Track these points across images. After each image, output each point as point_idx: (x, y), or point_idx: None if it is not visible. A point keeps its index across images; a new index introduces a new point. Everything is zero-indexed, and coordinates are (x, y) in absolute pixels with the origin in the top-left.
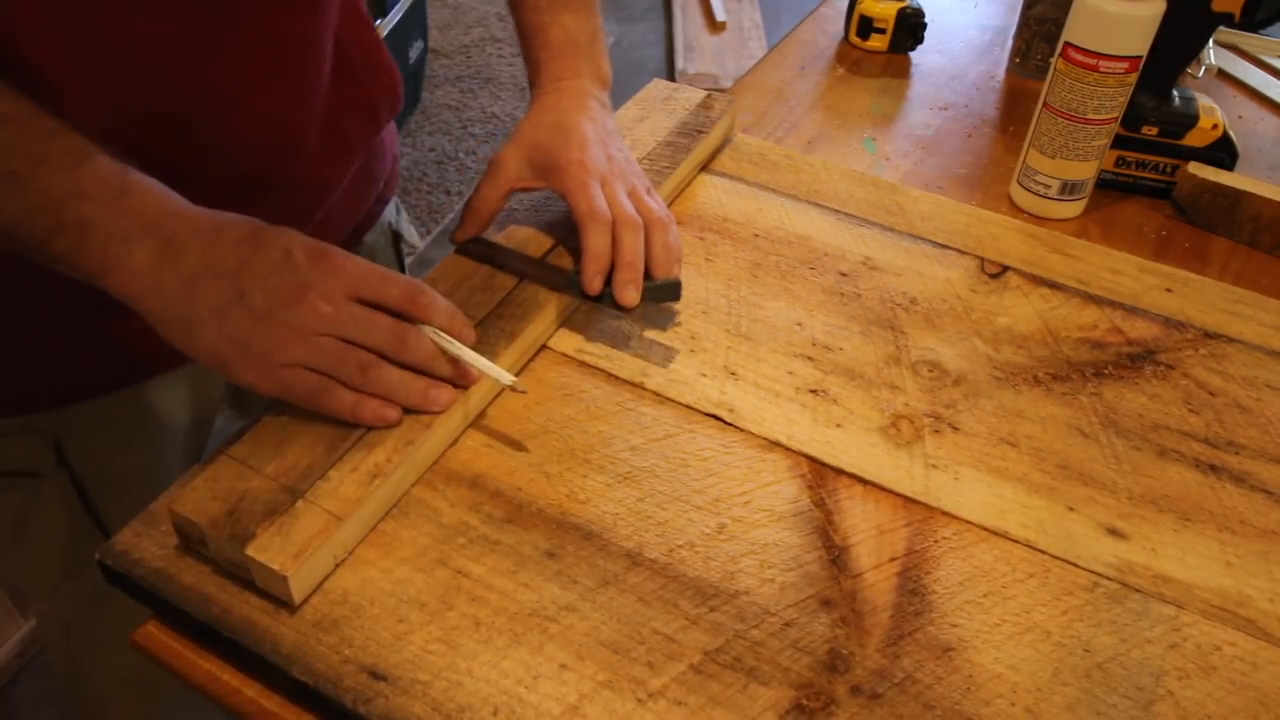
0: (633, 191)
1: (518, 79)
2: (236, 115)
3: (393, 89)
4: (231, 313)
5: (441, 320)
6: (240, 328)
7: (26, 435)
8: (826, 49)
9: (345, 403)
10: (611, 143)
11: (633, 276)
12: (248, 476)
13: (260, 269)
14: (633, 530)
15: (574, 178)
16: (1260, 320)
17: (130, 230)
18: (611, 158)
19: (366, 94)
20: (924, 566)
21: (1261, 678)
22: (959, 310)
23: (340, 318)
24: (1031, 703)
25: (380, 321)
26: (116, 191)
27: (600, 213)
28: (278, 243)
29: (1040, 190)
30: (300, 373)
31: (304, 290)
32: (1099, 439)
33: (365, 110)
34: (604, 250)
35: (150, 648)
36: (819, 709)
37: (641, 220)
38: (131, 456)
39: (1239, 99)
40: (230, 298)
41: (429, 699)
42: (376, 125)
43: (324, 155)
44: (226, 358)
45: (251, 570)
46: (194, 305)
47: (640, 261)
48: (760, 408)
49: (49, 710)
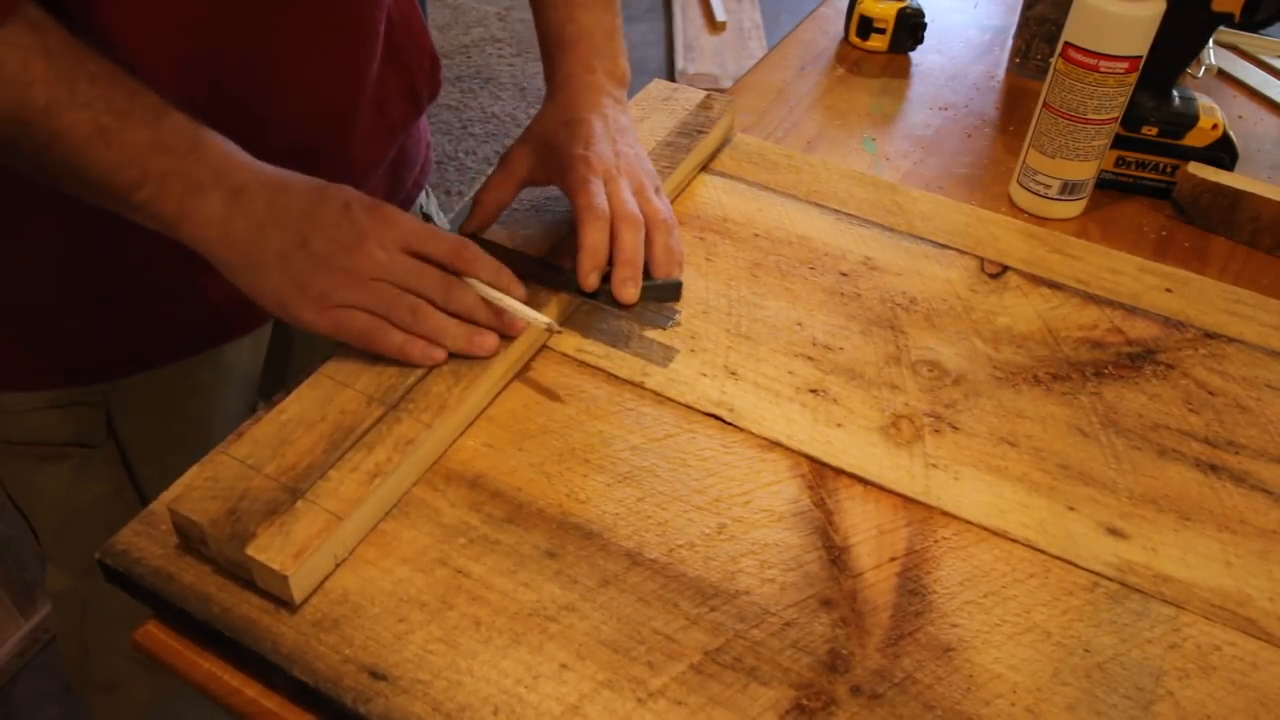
0: (639, 190)
1: (518, 79)
2: (294, 89)
3: (434, 73)
4: (294, 258)
5: (487, 274)
6: (302, 271)
7: (79, 407)
8: (826, 49)
9: (395, 341)
10: (621, 139)
11: (631, 274)
12: (248, 476)
13: (322, 219)
14: (633, 530)
15: (576, 173)
16: (1260, 320)
17: (204, 181)
18: (620, 154)
19: (410, 77)
20: (924, 566)
21: (1261, 678)
22: (959, 310)
23: (394, 265)
24: (1031, 703)
25: (430, 272)
26: (192, 145)
27: (598, 208)
28: (339, 197)
29: (1040, 190)
30: (354, 313)
31: (361, 239)
32: (1099, 439)
33: (409, 93)
34: (599, 246)
35: (150, 647)
36: (819, 709)
37: (643, 218)
38: (176, 432)
39: (1239, 99)
40: (294, 244)
41: (429, 699)
42: (418, 108)
43: (370, 134)
44: (287, 299)
45: (252, 570)
46: (261, 251)
47: (639, 259)
48: (760, 407)
49: (49, 710)
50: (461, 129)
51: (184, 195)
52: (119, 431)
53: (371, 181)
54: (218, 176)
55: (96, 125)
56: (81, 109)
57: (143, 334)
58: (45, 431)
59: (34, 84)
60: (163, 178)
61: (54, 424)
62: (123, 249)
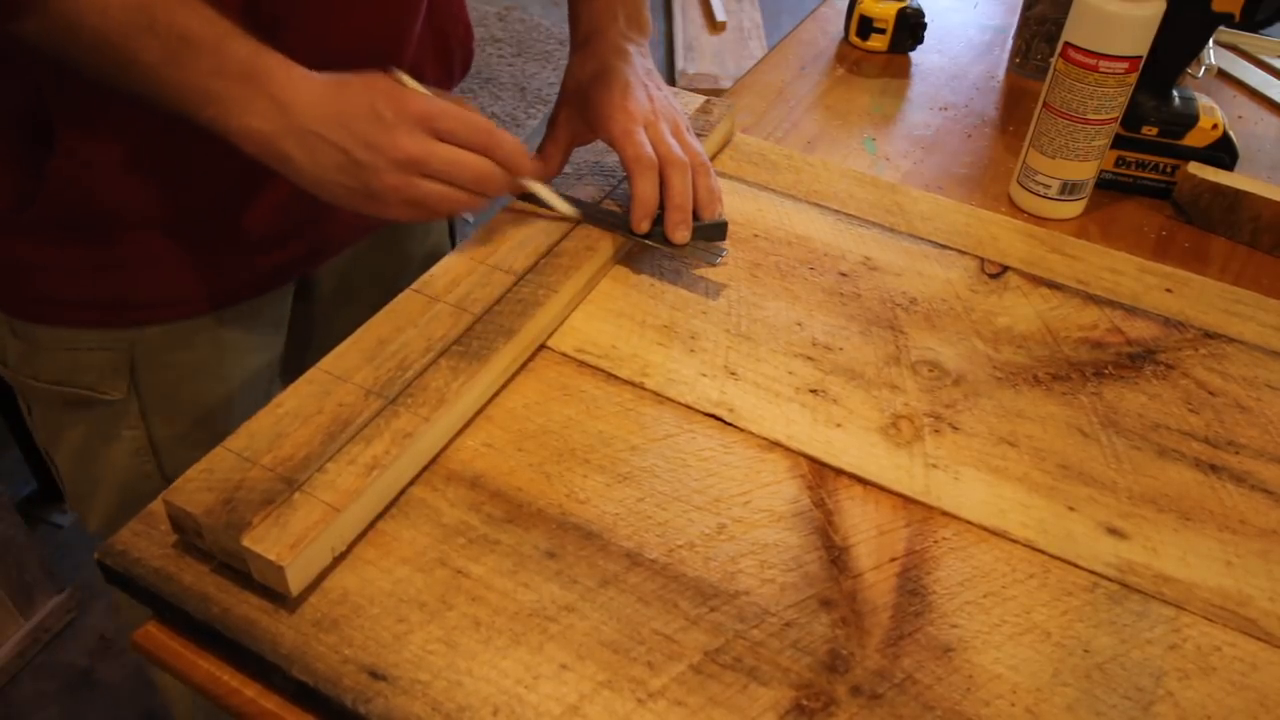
0: (677, 132)
1: (517, 79)
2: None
3: (467, 42)
4: (346, 169)
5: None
6: (357, 180)
7: (102, 352)
8: (826, 49)
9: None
10: (651, 83)
11: (683, 217)
12: (244, 467)
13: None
14: (633, 530)
15: (619, 124)
16: (1260, 320)
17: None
18: (653, 98)
19: (445, 43)
20: (924, 567)
21: (1261, 678)
22: (959, 310)
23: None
24: (1031, 703)
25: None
26: (249, 70)
27: (646, 158)
28: (364, 100)
29: (1040, 190)
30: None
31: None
32: (1099, 439)
33: (443, 60)
34: (650, 195)
35: (150, 647)
36: (819, 709)
37: (689, 162)
38: (194, 399)
39: (1239, 99)
40: (342, 159)
41: (429, 699)
42: (451, 77)
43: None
44: (360, 206)
45: (248, 561)
46: (321, 169)
47: (689, 203)
48: (760, 408)
49: (49, 710)
50: None
51: (241, 118)
52: (140, 386)
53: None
54: (271, 99)
55: (167, 50)
56: (153, 35)
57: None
58: (72, 373)
59: (110, 9)
60: (224, 101)
61: (80, 366)
62: (186, 174)
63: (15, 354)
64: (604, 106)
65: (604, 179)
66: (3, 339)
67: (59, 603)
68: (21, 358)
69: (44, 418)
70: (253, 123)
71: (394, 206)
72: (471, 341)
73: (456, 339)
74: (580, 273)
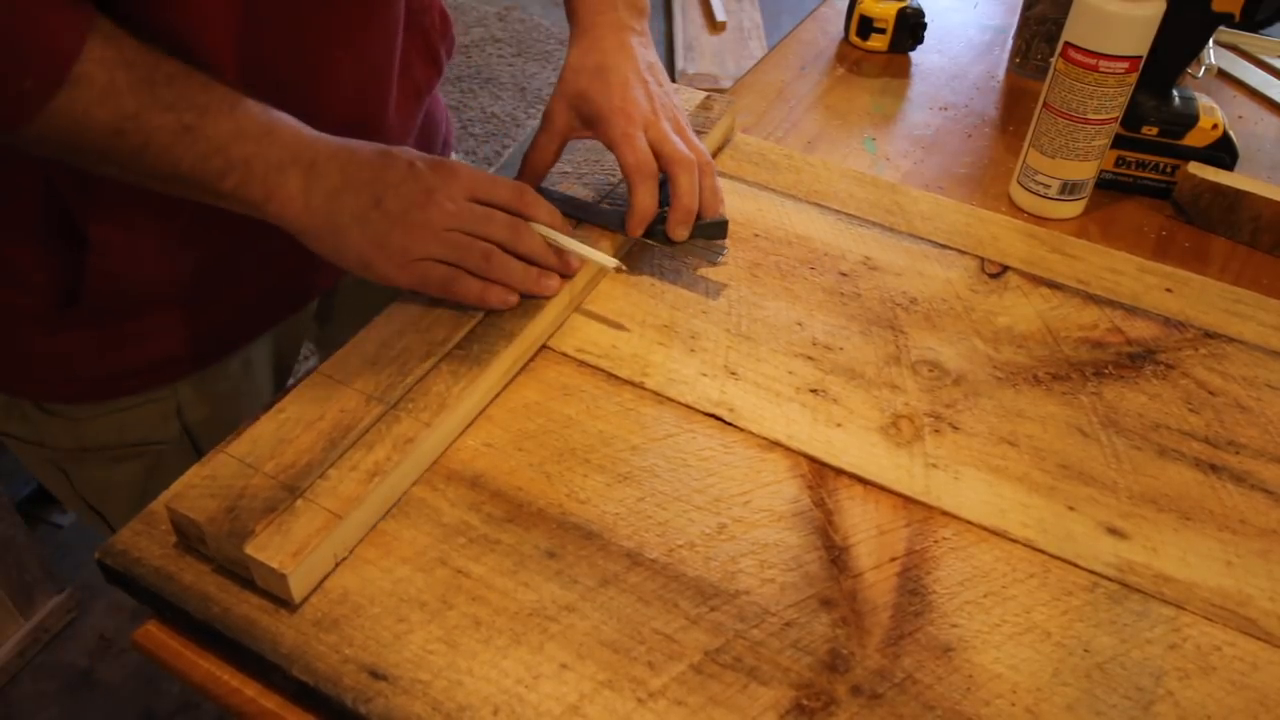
0: (678, 128)
1: (517, 79)
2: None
3: (446, 30)
4: (370, 218)
5: (544, 216)
6: (379, 230)
7: (149, 406)
8: (826, 49)
9: (474, 289)
10: (652, 78)
11: (686, 218)
12: (246, 474)
13: (391, 179)
14: (633, 530)
15: (617, 128)
16: (1260, 320)
17: (283, 160)
18: (652, 95)
19: (426, 36)
20: (924, 566)
21: (1261, 678)
22: (959, 310)
23: (463, 214)
24: (1031, 703)
25: (497, 216)
26: (266, 129)
27: (646, 166)
28: (403, 157)
29: (1040, 190)
30: (433, 265)
31: (430, 193)
32: (1099, 438)
33: (429, 53)
34: (650, 206)
35: (150, 647)
36: (819, 709)
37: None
38: (239, 412)
39: (1239, 99)
40: (368, 206)
41: (429, 698)
42: (438, 68)
43: (401, 101)
44: (369, 258)
45: (251, 568)
46: (339, 216)
47: (695, 203)
48: (760, 407)
49: (49, 710)
50: (461, 129)
51: (266, 175)
52: (188, 423)
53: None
54: (294, 155)
55: (181, 123)
56: (166, 111)
57: (198, 334)
58: (120, 434)
59: (121, 94)
60: (246, 162)
61: (130, 425)
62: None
63: (52, 430)
64: (602, 108)
65: (603, 179)
66: (31, 418)
67: (59, 603)
68: (61, 431)
69: (89, 480)
70: (277, 178)
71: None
72: (472, 345)
73: (457, 343)
74: (581, 274)
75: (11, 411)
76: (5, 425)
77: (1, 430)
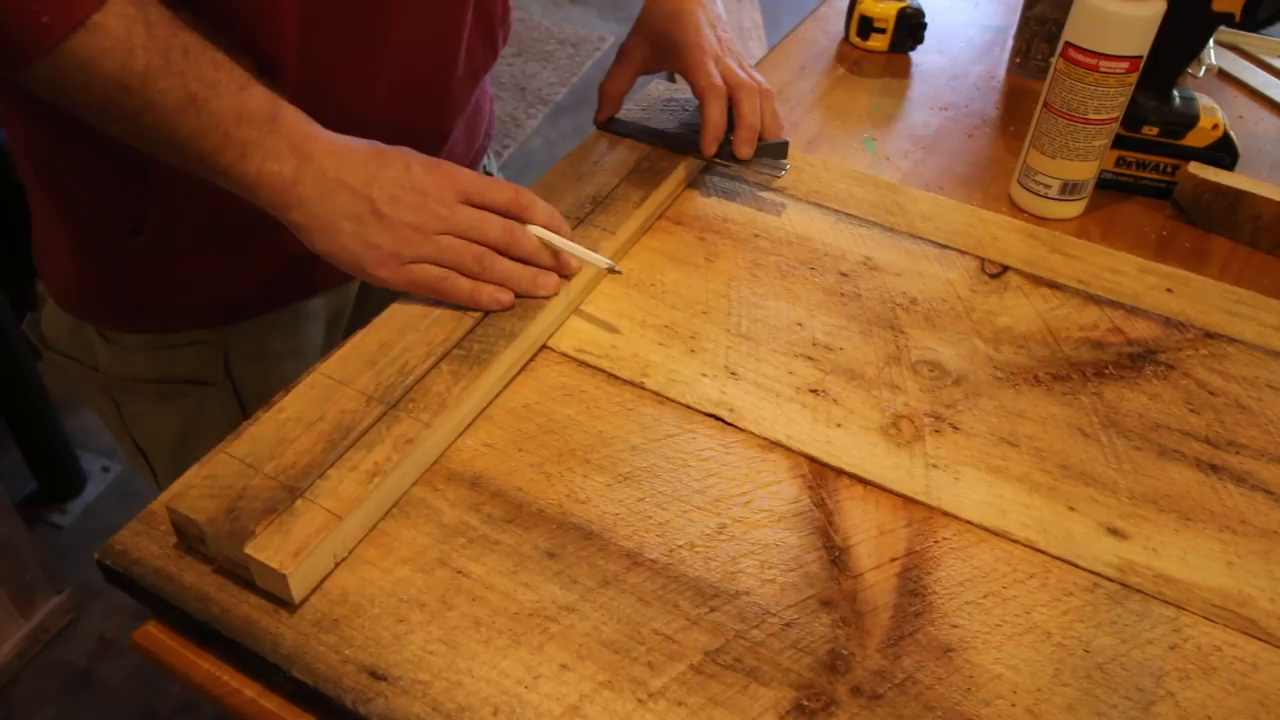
0: (742, 65)
1: (518, 79)
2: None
3: (506, 17)
4: (364, 220)
5: (542, 218)
6: (372, 232)
7: (197, 346)
8: (826, 49)
9: (465, 289)
10: (719, 25)
11: (751, 135)
12: (247, 474)
13: (386, 180)
14: (633, 530)
15: (692, 58)
16: (1260, 320)
17: (280, 149)
18: (720, 38)
19: (489, 19)
20: (924, 567)
21: (1262, 678)
22: (959, 310)
23: (456, 217)
24: (1032, 703)
25: (491, 220)
26: (270, 117)
27: (718, 87)
28: (399, 158)
29: (1040, 190)
30: (425, 267)
31: (424, 196)
32: (1099, 439)
33: (489, 35)
34: (720, 120)
35: (150, 648)
36: (819, 709)
37: (756, 86)
38: (281, 369)
39: (1239, 99)
40: (363, 207)
41: (429, 699)
42: (494, 51)
43: (463, 76)
44: (362, 259)
45: (251, 568)
46: (331, 214)
47: (758, 121)
48: (760, 408)
49: (49, 710)
50: None
51: (262, 162)
52: (234, 370)
53: (456, 132)
54: (293, 145)
55: (187, 93)
56: (174, 77)
57: (244, 284)
58: (171, 369)
59: (134, 50)
60: (244, 145)
61: (179, 361)
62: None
63: (107, 357)
64: (680, 42)
65: (677, 111)
66: (92, 344)
67: (59, 603)
68: (115, 360)
69: (136, 413)
70: (273, 166)
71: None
72: (472, 345)
73: (457, 343)
74: (581, 275)
75: (76, 336)
76: (70, 348)
77: (66, 352)
